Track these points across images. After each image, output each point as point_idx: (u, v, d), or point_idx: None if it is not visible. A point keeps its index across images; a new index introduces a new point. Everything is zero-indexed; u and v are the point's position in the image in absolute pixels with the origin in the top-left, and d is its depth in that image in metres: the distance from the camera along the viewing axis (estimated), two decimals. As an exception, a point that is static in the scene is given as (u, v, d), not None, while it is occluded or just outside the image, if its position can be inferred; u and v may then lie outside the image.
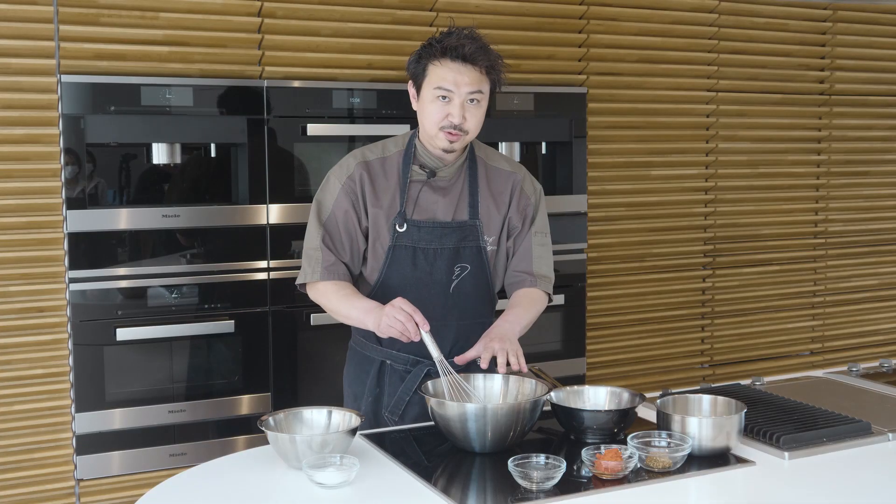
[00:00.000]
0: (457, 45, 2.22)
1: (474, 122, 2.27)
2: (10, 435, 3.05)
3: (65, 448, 3.11)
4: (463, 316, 2.36)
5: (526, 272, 2.42)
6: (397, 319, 2.13)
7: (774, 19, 4.21)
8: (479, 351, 2.18)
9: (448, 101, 2.24)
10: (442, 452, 2.04)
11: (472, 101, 2.25)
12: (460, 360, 2.20)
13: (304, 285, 2.37)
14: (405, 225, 2.30)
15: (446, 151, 2.31)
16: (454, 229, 2.33)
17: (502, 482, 1.82)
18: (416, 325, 2.12)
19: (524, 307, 2.37)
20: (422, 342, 2.14)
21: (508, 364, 2.15)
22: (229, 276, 3.21)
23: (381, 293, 2.32)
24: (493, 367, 2.17)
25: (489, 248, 2.38)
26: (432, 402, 2.00)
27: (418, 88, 2.31)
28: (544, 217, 2.47)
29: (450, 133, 2.25)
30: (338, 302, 2.30)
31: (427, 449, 2.09)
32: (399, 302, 2.16)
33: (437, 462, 2.00)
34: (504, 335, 2.21)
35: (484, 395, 2.17)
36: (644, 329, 4.09)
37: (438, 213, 2.33)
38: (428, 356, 2.18)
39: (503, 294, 2.47)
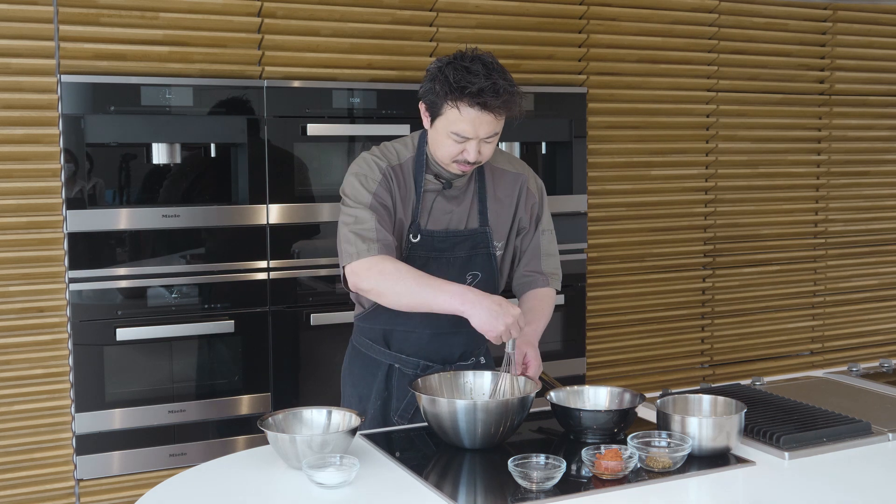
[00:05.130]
0: (479, 92, 2.09)
1: (488, 153, 2.21)
2: (10, 435, 3.05)
3: (65, 448, 3.11)
4: None
5: (537, 272, 2.43)
6: (510, 334, 2.06)
7: (774, 19, 4.21)
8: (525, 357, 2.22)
9: (464, 142, 2.17)
10: (442, 452, 2.04)
11: (487, 141, 2.19)
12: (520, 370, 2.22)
13: (344, 271, 2.19)
14: (419, 235, 2.27)
15: (458, 176, 2.29)
16: (466, 237, 2.32)
17: (502, 482, 1.83)
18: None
19: (542, 312, 2.37)
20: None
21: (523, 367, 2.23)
22: (229, 276, 3.21)
23: None
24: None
25: (498, 254, 2.37)
26: (423, 400, 2.01)
27: (433, 117, 2.21)
28: (549, 214, 2.47)
29: (463, 165, 2.21)
30: (414, 281, 2.07)
31: (427, 448, 2.09)
32: (518, 314, 2.05)
33: (437, 462, 2.00)
34: (533, 342, 2.26)
35: (473, 392, 2.18)
36: (644, 329, 4.09)
37: (452, 222, 2.31)
38: (436, 360, 2.26)
39: (503, 293, 2.47)
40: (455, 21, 3.54)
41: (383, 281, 2.11)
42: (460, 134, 2.15)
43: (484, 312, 2.02)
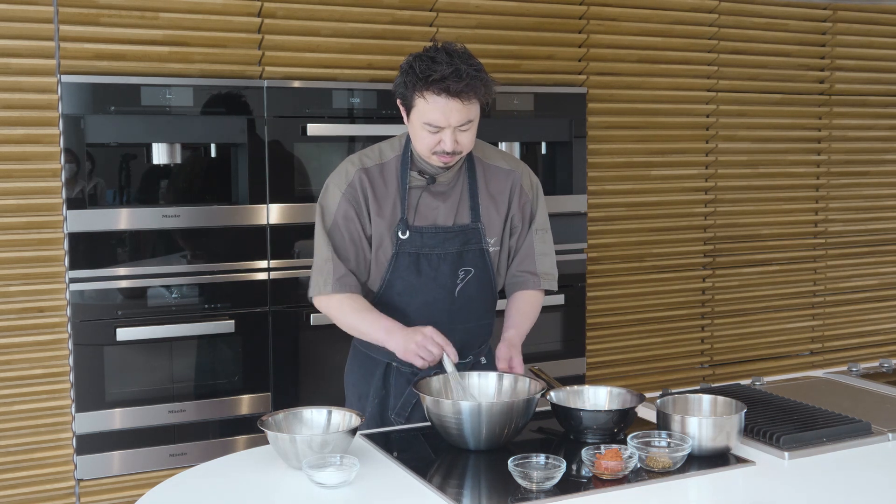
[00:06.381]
0: (441, 78, 2.12)
1: (467, 142, 2.23)
2: (10, 435, 3.05)
3: (65, 448, 3.11)
4: (468, 319, 2.36)
5: (529, 272, 2.42)
6: (428, 350, 2.13)
7: (774, 19, 4.21)
8: (506, 360, 2.26)
9: (438, 131, 2.19)
10: (442, 452, 2.04)
11: (462, 129, 2.20)
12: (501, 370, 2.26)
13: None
14: (407, 232, 2.28)
15: (442, 168, 2.30)
16: (457, 233, 2.32)
17: (502, 482, 1.82)
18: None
19: (527, 315, 2.39)
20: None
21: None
22: (229, 276, 3.21)
23: (385, 300, 2.32)
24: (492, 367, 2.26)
25: (492, 250, 2.37)
26: (428, 401, 2.01)
27: (407, 111, 2.24)
28: (544, 213, 2.46)
29: (443, 156, 2.23)
30: (354, 318, 2.27)
31: (427, 448, 2.09)
32: (430, 332, 2.15)
33: (437, 461, 2.00)
34: (516, 345, 2.31)
35: (479, 393, 2.17)
36: (644, 329, 4.09)
37: (440, 218, 2.31)
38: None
39: (502, 293, 2.48)
40: (455, 21, 3.54)
41: (333, 313, 2.32)
42: (432, 123, 2.17)
43: (396, 341, 2.18)
